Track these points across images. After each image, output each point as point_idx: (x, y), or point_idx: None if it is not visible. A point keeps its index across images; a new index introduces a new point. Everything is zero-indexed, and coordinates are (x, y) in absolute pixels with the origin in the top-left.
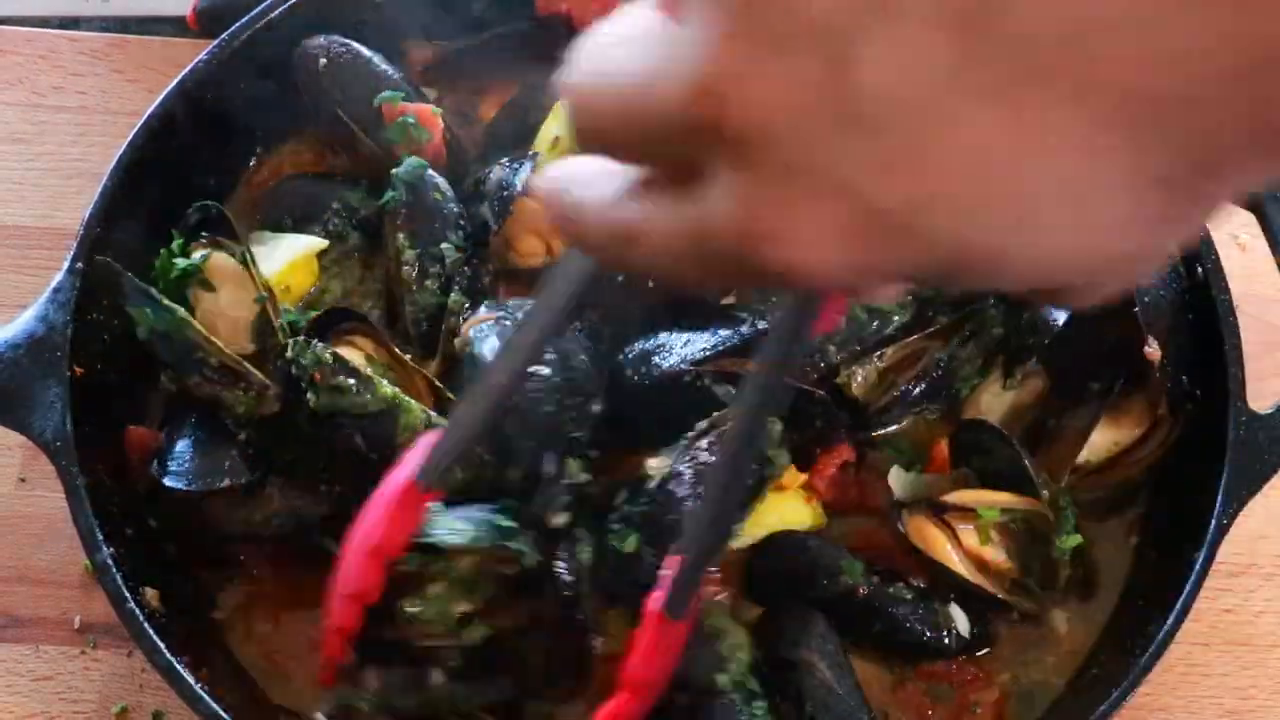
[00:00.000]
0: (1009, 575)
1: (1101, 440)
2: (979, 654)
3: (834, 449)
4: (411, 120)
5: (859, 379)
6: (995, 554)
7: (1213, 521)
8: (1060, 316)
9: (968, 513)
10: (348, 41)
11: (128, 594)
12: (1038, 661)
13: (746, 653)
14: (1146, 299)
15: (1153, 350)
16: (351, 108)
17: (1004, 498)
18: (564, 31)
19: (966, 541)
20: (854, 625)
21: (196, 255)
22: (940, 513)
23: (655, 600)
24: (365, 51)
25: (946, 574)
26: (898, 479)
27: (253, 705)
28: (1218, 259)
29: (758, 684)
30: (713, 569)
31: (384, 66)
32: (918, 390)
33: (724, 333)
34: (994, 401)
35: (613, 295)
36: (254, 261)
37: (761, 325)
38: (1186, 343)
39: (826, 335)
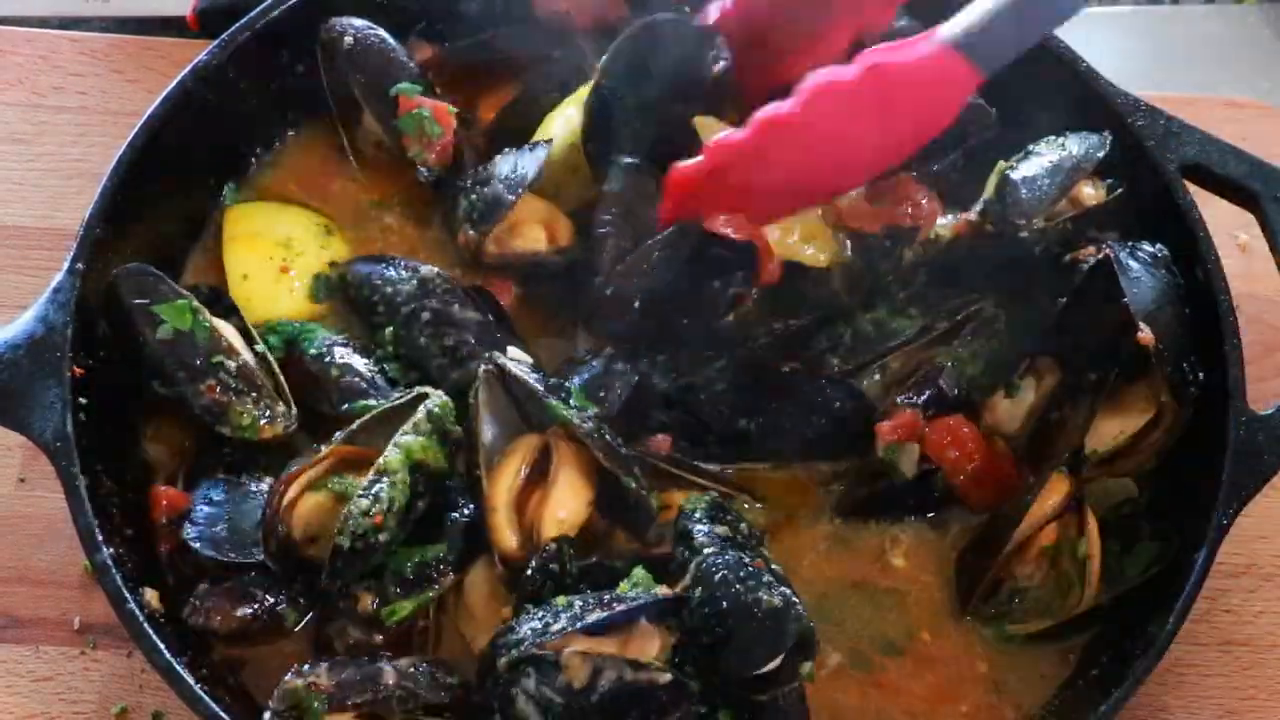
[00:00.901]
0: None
1: (1107, 429)
2: None
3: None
4: (427, 114)
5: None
6: None
7: (1213, 521)
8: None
9: None
10: (376, 27)
11: (128, 594)
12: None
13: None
14: (1135, 290)
15: (1145, 335)
16: (368, 90)
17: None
18: (563, 31)
19: None
20: None
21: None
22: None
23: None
24: (391, 40)
25: None
26: None
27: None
28: (1218, 259)
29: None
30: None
31: (407, 59)
32: (921, 399)
33: None
34: (1013, 409)
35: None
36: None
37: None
38: (1187, 343)
39: (831, 346)
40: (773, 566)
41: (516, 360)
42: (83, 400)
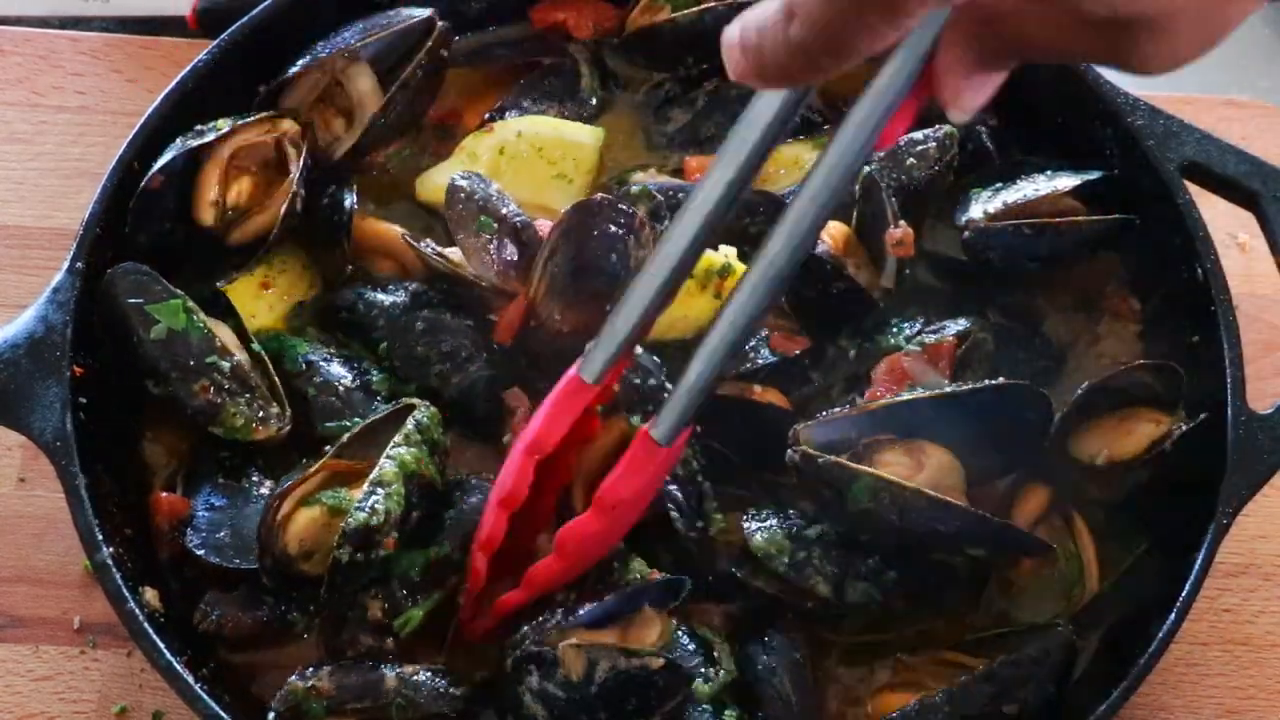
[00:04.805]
0: None
1: (1092, 446)
2: None
3: None
4: None
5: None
6: None
7: (1213, 521)
8: None
9: None
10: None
11: (128, 594)
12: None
13: (728, 673)
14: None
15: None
16: None
17: None
18: (560, 41)
19: None
20: None
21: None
22: None
23: (649, 422)
24: None
25: None
26: None
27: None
28: (1217, 259)
29: (731, 697)
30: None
31: None
32: None
33: None
34: None
35: None
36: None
37: None
38: (1187, 343)
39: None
40: None
41: None
42: (83, 400)
